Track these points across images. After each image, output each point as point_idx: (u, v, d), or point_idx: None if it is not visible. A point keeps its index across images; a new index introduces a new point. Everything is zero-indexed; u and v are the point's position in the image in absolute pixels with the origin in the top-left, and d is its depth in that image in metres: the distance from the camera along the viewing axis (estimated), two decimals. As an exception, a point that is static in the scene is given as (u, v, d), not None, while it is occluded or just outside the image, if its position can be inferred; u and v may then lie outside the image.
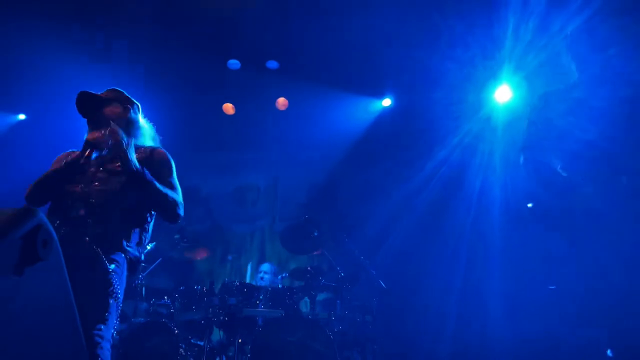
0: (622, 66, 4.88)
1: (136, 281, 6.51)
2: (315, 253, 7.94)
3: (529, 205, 6.26)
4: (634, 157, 5.21)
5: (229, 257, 9.08)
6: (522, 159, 6.58)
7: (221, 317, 6.16)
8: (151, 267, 6.83)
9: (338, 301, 7.32)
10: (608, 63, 4.81)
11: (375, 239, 8.17)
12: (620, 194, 5.35)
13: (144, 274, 6.61)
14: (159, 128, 3.81)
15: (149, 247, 6.81)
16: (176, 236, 7.11)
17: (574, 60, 4.89)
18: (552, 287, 6.10)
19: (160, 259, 6.97)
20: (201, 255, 8.49)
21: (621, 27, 4.66)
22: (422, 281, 7.63)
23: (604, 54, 4.83)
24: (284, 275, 7.76)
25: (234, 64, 8.02)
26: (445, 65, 6.60)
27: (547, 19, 5.16)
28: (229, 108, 8.60)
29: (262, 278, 7.88)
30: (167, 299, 6.44)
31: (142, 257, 3.45)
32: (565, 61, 5.03)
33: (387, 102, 8.50)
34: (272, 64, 8.05)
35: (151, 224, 3.51)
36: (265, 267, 8.16)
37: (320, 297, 7.47)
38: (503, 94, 6.94)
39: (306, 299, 7.29)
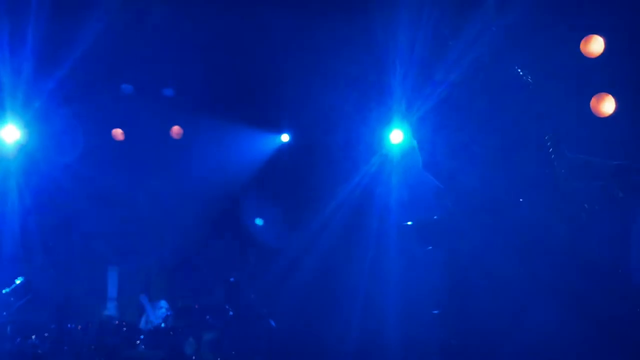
0: (498, 114, 5.49)
1: (1, 318, 6.23)
2: (204, 290, 7.96)
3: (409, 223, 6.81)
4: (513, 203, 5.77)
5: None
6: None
7: (95, 359, 6.02)
8: (20, 303, 6.56)
9: (225, 341, 7.35)
10: (481, 110, 5.39)
11: (274, 278, 8.31)
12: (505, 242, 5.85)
13: (11, 310, 6.33)
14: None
15: (17, 282, 6.55)
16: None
17: (453, 107, 5.44)
18: (435, 312, 6.56)
19: (31, 294, 6.70)
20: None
21: (495, 78, 5.28)
22: (319, 319, 7.82)
23: (481, 102, 5.42)
24: (168, 313, 7.68)
25: (126, 88, 8.01)
26: (342, 108, 7.01)
27: (431, 69, 5.70)
28: (118, 133, 8.49)
29: (166, 317, 7.67)
30: (36, 338, 6.19)
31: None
32: (447, 108, 5.57)
33: (285, 137, 8.78)
34: (168, 91, 8.12)
35: None
36: (164, 303, 8.02)
37: (207, 337, 7.45)
38: (397, 136, 7.44)
39: (191, 339, 7.27)
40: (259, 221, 9.04)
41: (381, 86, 6.53)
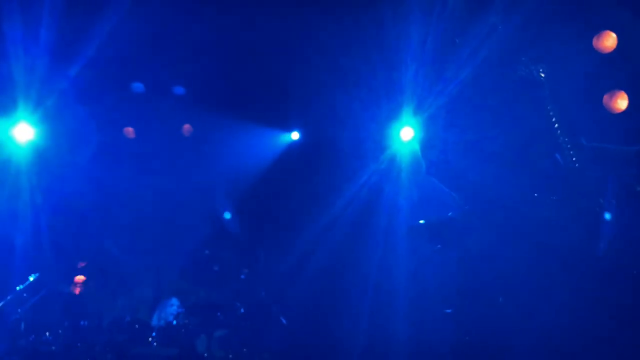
0: (509, 111, 5.49)
1: (15, 315, 6.28)
2: (214, 288, 8.00)
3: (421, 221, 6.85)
4: (523, 201, 5.77)
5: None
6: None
7: (108, 356, 6.07)
8: (33, 300, 6.61)
9: (236, 338, 7.38)
10: (493, 107, 5.39)
11: (284, 275, 8.34)
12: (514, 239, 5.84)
13: (24, 308, 6.38)
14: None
15: (31, 278, 6.61)
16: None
17: (464, 104, 5.44)
18: (448, 311, 6.59)
19: (44, 291, 6.76)
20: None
21: (506, 75, 5.28)
22: (329, 317, 7.84)
23: (493, 100, 5.42)
24: (180, 310, 7.72)
25: (137, 86, 8.06)
26: (351, 105, 7.03)
27: (442, 66, 5.71)
28: (128, 132, 8.55)
29: (178, 314, 7.70)
30: (49, 335, 6.24)
31: None
32: (458, 106, 5.58)
33: (295, 135, 8.81)
34: (179, 90, 8.17)
35: None
36: (175, 300, 8.07)
37: (218, 334, 7.49)
38: (407, 133, 7.45)
39: (203, 336, 7.31)
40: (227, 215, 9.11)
41: (391, 83, 6.54)
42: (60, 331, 6.27)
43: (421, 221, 6.68)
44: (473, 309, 6.08)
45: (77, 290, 8.10)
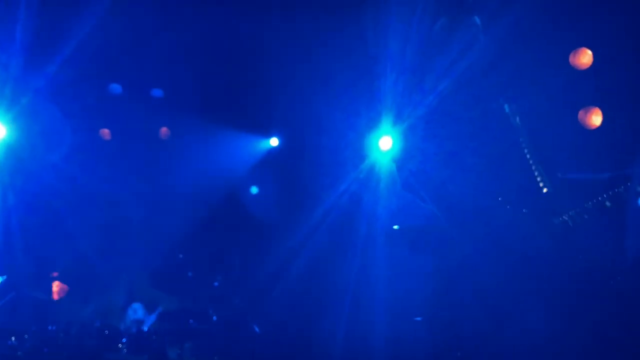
0: (489, 123, 5.55)
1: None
2: (187, 294, 7.94)
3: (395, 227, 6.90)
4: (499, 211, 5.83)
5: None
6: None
7: (76, 362, 5.98)
8: (0, 303, 6.49)
9: (209, 346, 7.33)
10: (471, 119, 5.46)
11: (259, 283, 8.30)
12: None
13: (-10, 311, 6.26)
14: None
15: (-2, 282, 6.49)
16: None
17: (443, 115, 5.50)
18: (418, 319, 6.64)
19: (12, 294, 6.64)
20: (61, 291, 8.14)
21: (487, 87, 5.35)
22: (304, 325, 7.82)
23: (472, 111, 5.49)
24: (152, 317, 7.65)
25: (115, 88, 8.00)
26: (331, 113, 7.06)
27: (422, 77, 5.77)
28: (104, 133, 8.47)
29: (149, 320, 7.64)
30: (15, 340, 6.12)
31: None
32: (437, 117, 5.64)
33: (274, 141, 8.79)
34: (157, 92, 8.12)
35: None
36: (138, 306, 7.99)
37: (190, 341, 7.42)
38: (386, 142, 7.48)
39: (174, 343, 7.24)
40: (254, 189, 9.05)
41: (371, 93, 6.58)
42: (26, 336, 6.15)
43: (395, 227, 6.72)
44: (448, 316, 6.14)
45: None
